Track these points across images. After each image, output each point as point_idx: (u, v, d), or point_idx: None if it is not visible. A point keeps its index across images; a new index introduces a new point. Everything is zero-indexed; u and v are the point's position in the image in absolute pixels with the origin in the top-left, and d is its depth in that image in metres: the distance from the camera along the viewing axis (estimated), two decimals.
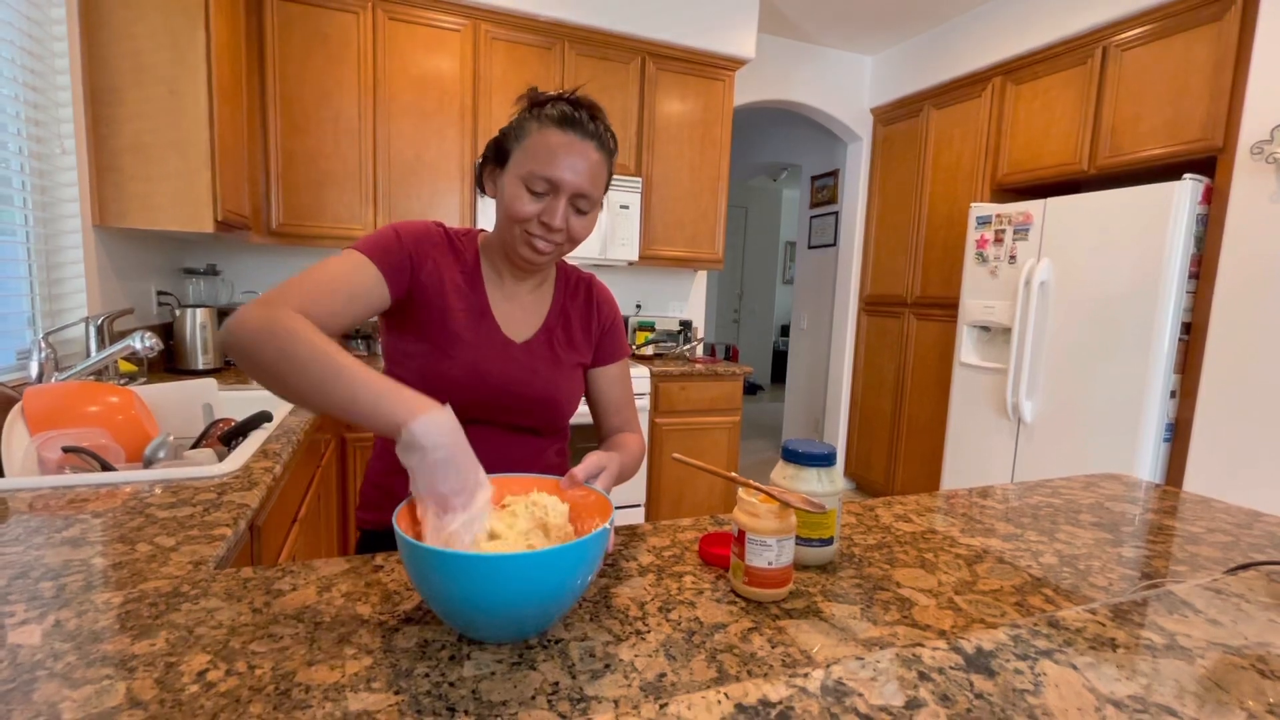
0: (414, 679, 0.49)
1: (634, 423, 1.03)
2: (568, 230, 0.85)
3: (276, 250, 2.72)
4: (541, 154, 0.81)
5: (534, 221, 0.84)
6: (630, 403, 1.04)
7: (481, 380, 0.88)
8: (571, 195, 0.83)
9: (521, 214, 0.83)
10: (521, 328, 0.95)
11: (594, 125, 0.84)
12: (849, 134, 3.90)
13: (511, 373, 0.91)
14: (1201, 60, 2.25)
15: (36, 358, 1.31)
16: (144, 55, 1.69)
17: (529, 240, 0.85)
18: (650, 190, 2.97)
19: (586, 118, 0.83)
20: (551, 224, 0.83)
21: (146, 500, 0.86)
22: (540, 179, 0.81)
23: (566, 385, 0.96)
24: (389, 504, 0.90)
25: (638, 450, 0.95)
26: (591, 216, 0.88)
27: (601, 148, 0.85)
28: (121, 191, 1.71)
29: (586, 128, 0.83)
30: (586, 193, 0.84)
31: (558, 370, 0.95)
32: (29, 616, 0.55)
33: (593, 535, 0.54)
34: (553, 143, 0.81)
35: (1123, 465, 2.35)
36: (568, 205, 0.84)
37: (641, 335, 3.10)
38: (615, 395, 1.02)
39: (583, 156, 0.82)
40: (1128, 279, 2.33)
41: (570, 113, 0.83)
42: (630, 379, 1.05)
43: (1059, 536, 0.88)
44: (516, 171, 0.83)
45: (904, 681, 0.38)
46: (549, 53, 2.72)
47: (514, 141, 0.84)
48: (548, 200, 0.83)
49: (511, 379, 0.90)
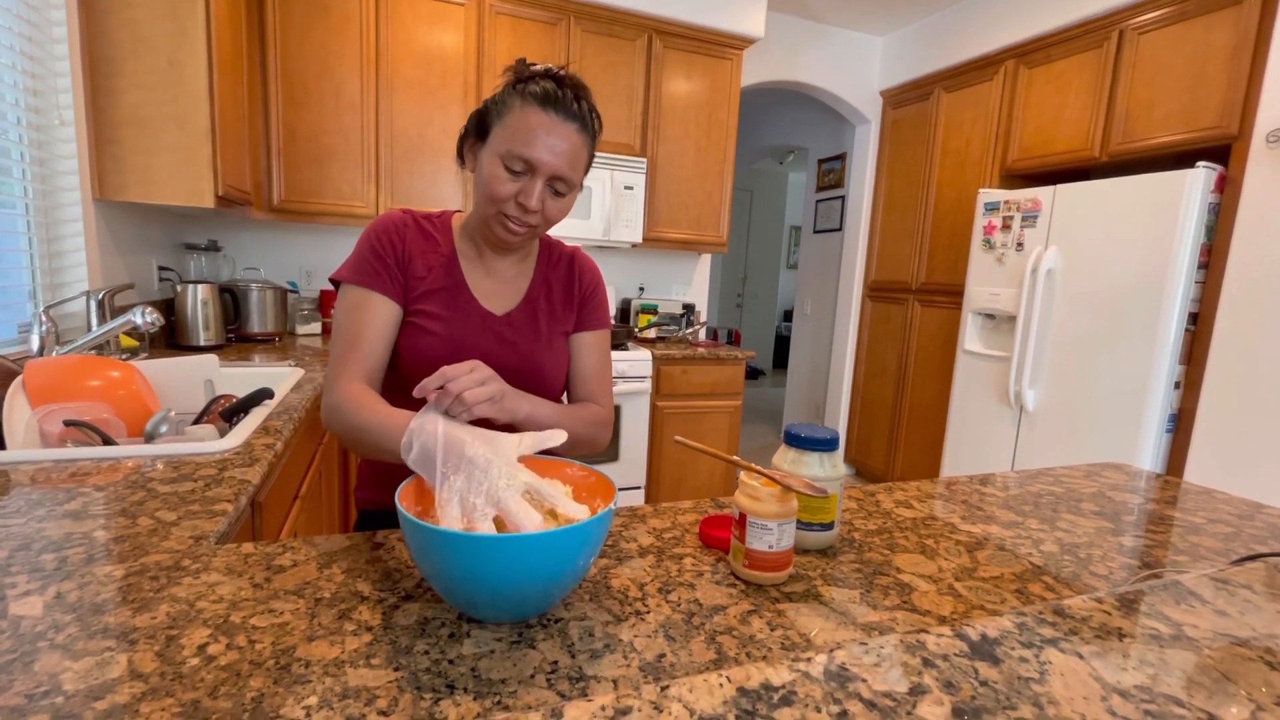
0: (413, 656, 0.49)
1: (602, 396, 1.00)
2: (543, 212, 0.84)
3: (278, 226, 2.71)
4: (521, 133, 0.80)
5: (510, 202, 0.83)
6: (601, 375, 1.00)
7: (459, 353, 0.88)
8: (549, 177, 0.82)
9: (498, 194, 0.82)
10: (502, 301, 0.94)
11: (577, 106, 0.82)
12: (857, 117, 3.85)
13: (490, 344, 0.91)
14: (1220, 45, 2.20)
15: (37, 331, 1.30)
16: (143, 25, 1.66)
17: (503, 220, 0.85)
18: (655, 171, 2.93)
19: (571, 97, 0.81)
20: (528, 205, 0.82)
21: (148, 475, 0.86)
22: (518, 158, 0.80)
23: (549, 356, 0.95)
24: (386, 483, 0.90)
25: (590, 416, 0.94)
26: (569, 199, 0.87)
27: (584, 129, 0.83)
28: (121, 164, 1.70)
29: (570, 108, 0.81)
30: (565, 175, 0.83)
31: (538, 341, 0.95)
32: (31, 588, 0.55)
33: (595, 518, 0.54)
34: (533, 122, 0.79)
35: (1124, 455, 2.35)
36: (545, 187, 0.83)
37: (644, 318, 3.09)
38: (586, 363, 0.99)
39: (564, 138, 0.81)
40: (1136, 268, 2.30)
41: (554, 91, 0.80)
42: (609, 353, 1.03)
43: (1060, 525, 0.88)
44: (495, 149, 0.82)
45: (908, 668, 0.38)
46: (554, 28, 2.67)
47: (495, 117, 0.83)
48: (525, 180, 0.82)
49: (489, 351, 0.90)
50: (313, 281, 2.79)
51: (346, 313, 0.86)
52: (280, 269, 2.74)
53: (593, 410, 0.96)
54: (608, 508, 0.57)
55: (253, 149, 2.24)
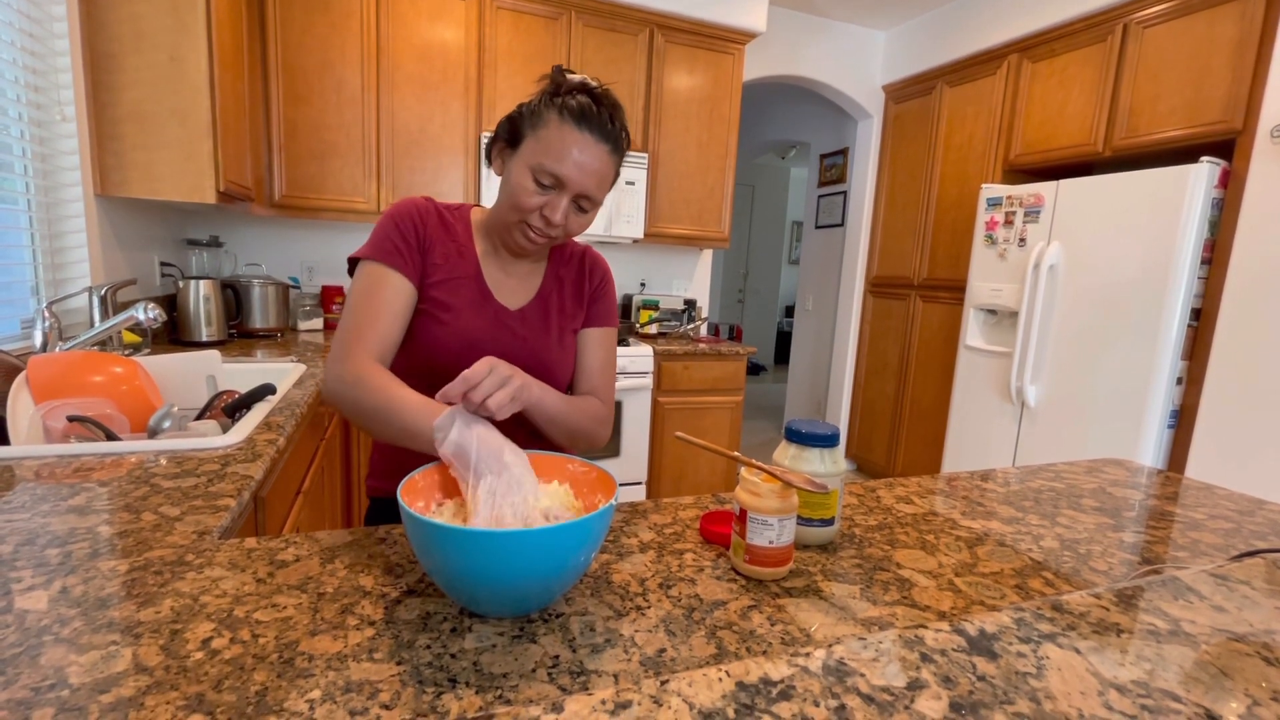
0: (416, 650, 0.49)
1: (604, 392, 1.00)
2: (565, 225, 0.85)
3: (279, 222, 2.71)
4: (555, 148, 0.80)
5: (535, 214, 0.84)
6: (605, 372, 1.01)
7: (472, 347, 0.89)
8: (576, 195, 0.83)
9: (524, 205, 0.83)
10: (516, 296, 0.95)
11: (612, 126, 0.83)
12: (860, 111, 3.83)
13: (503, 338, 0.91)
14: (1225, 39, 2.19)
15: (40, 327, 1.31)
16: (143, 21, 1.66)
17: (524, 230, 0.86)
18: (657, 167, 2.93)
19: (607, 117, 0.82)
20: (552, 219, 0.83)
21: (151, 470, 0.86)
22: (548, 173, 0.81)
23: (559, 353, 0.96)
24: (397, 473, 0.91)
25: (593, 411, 0.94)
26: (591, 215, 0.88)
27: (615, 151, 0.84)
28: (122, 160, 1.70)
29: (605, 128, 0.82)
30: (592, 195, 0.84)
31: (549, 337, 0.96)
32: (35, 582, 0.56)
33: (596, 514, 0.54)
34: (568, 139, 0.80)
35: (1125, 451, 2.35)
36: (570, 203, 0.84)
37: (645, 314, 3.09)
38: (591, 359, 1.00)
39: (596, 158, 0.82)
40: (1139, 263, 2.30)
41: (591, 108, 0.81)
42: (615, 351, 1.04)
43: (1060, 520, 0.88)
44: (527, 160, 0.82)
45: (906, 662, 0.38)
46: (556, 23, 2.66)
47: (529, 126, 0.83)
48: (552, 195, 0.83)
49: (503, 345, 0.91)
50: (314, 277, 2.79)
51: (364, 290, 0.85)
52: (282, 264, 2.74)
53: (595, 405, 0.96)
54: (608, 503, 0.57)
55: (254, 144, 2.23)
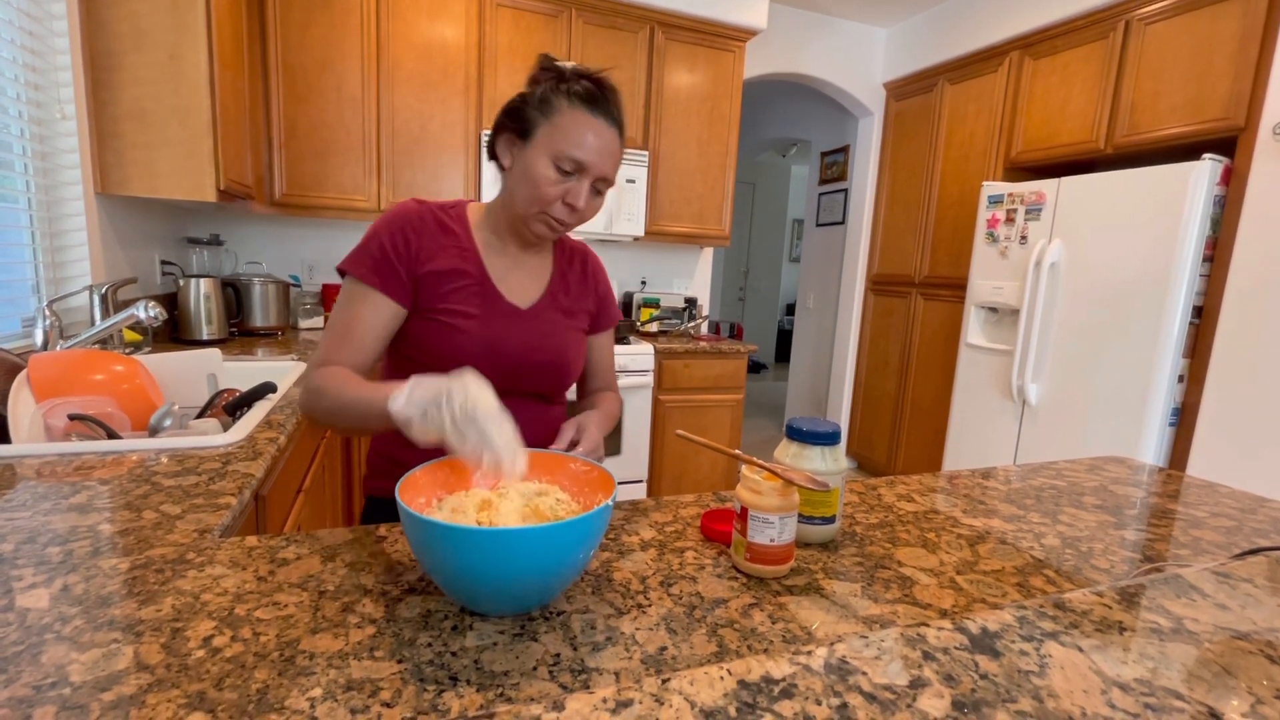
0: (416, 648, 0.49)
1: (613, 383, 1.11)
2: (583, 210, 0.87)
3: (280, 220, 2.70)
4: (573, 134, 0.81)
5: (558, 203, 0.85)
6: (612, 366, 1.10)
7: (494, 349, 0.89)
8: (596, 178, 0.85)
9: (548, 194, 0.84)
10: (526, 294, 0.95)
11: (616, 110, 0.85)
12: (860, 109, 3.82)
13: (523, 339, 0.92)
14: (1227, 35, 2.18)
15: (41, 325, 1.31)
16: (143, 19, 1.65)
17: (546, 219, 0.86)
18: (657, 164, 2.92)
19: (612, 100, 0.85)
20: (576, 205, 0.85)
21: (152, 469, 0.86)
22: (570, 159, 0.82)
23: (574, 348, 0.98)
24: (394, 471, 0.91)
25: (617, 407, 1.04)
26: (604, 197, 0.90)
27: (621, 134, 0.87)
28: (122, 159, 1.70)
29: (611, 112, 0.84)
30: (608, 176, 0.86)
31: (564, 333, 0.97)
32: (37, 581, 0.56)
33: (595, 511, 0.54)
34: (583, 124, 0.82)
35: (1126, 449, 2.34)
36: (589, 187, 0.85)
37: (646, 312, 3.08)
38: (601, 359, 1.08)
39: (610, 140, 0.84)
40: (1140, 261, 2.29)
41: (596, 92, 0.83)
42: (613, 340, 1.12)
43: (1061, 518, 0.88)
44: (545, 148, 0.82)
45: (908, 661, 0.38)
46: (556, 20, 2.66)
47: (540, 115, 0.83)
48: (573, 182, 0.84)
49: (523, 345, 0.91)
50: (315, 275, 2.79)
51: (343, 305, 0.87)
52: (282, 263, 2.74)
53: (614, 401, 1.03)
54: (607, 501, 0.57)
55: (254, 143, 2.23)
